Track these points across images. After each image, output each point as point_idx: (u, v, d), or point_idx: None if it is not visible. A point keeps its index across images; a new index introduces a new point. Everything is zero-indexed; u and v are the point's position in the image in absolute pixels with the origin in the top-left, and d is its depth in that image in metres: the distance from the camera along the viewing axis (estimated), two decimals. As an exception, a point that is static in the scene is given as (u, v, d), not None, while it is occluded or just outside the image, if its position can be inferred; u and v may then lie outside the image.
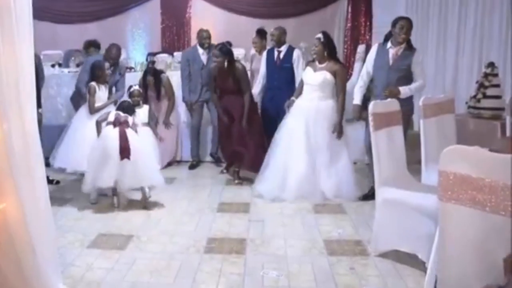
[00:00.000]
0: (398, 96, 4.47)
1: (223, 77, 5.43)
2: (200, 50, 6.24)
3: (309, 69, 5.13)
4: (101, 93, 5.18)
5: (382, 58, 4.75)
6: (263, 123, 5.80)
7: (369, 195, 4.82)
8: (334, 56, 5.10)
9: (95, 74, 5.20)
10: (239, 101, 5.43)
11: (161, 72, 6.31)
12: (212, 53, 5.49)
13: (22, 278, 2.64)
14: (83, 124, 5.12)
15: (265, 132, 5.66)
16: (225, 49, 5.37)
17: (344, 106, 5.05)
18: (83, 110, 5.33)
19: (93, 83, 5.12)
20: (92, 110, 5.07)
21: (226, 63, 5.33)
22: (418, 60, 4.66)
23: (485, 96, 5.39)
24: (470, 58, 6.28)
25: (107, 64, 5.26)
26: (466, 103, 5.66)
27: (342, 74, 5.07)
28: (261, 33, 6.37)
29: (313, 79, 5.04)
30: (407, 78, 4.65)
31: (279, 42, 5.92)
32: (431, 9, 7.02)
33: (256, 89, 6.02)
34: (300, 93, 5.18)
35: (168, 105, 6.22)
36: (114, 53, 5.82)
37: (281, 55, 5.87)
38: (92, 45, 6.42)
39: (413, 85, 4.62)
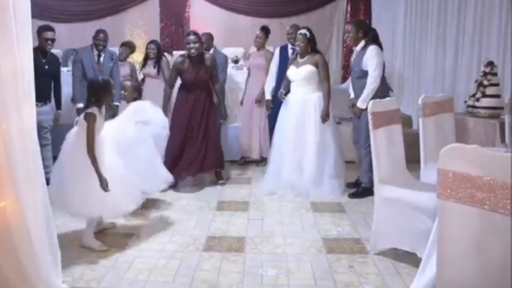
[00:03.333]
0: (362, 110, 4.80)
1: (195, 67, 5.15)
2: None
3: (292, 67, 5.25)
4: (101, 121, 3.64)
5: (352, 59, 5.13)
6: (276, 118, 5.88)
7: (355, 184, 5.24)
8: (315, 49, 5.24)
9: (99, 95, 3.67)
10: (208, 95, 5.27)
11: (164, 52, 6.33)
12: (188, 40, 5.14)
13: (22, 276, 2.64)
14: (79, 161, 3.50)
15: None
16: (198, 35, 5.16)
17: (330, 93, 5.15)
18: (75, 143, 3.56)
19: (95, 110, 3.56)
20: (91, 148, 3.45)
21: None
22: (369, 58, 4.78)
23: (484, 95, 5.39)
24: (469, 57, 6.27)
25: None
26: (465, 102, 5.67)
27: (323, 63, 5.19)
28: (265, 30, 6.34)
29: (297, 75, 5.17)
30: (363, 78, 4.84)
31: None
32: (431, 7, 7.01)
33: (269, 87, 6.01)
34: (285, 87, 5.31)
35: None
36: (101, 37, 5.76)
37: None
38: (128, 45, 6.32)
39: (365, 91, 4.79)
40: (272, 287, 3.09)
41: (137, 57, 8.73)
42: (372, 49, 4.79)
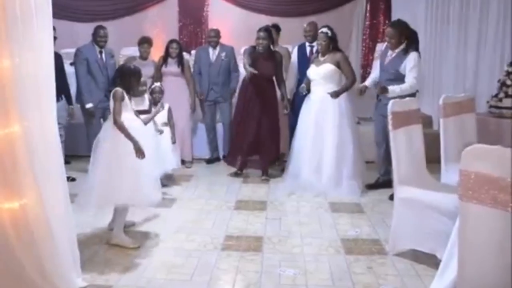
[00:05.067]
0: (386, 94, 4.58)
1: (261, 61, 5.39)
2: (210, 49, 6.39)
3: (312, 65, 5.24)
4: (128, 103, 3.69)
5: (383, 58, 4.99)
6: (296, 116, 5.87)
7: (374, 185, 5.19)
8: (337, 47, 5.21)
9: (128, 81, 3.69)
10: (272, 89, 5.52)
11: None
12: (258, 35, 5.42)
13: (43, 273, 2.67)
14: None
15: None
16: (270, 31, 5.40)
17: (350, 85, 5.14)
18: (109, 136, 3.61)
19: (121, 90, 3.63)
20: (117, 117, 3.54)
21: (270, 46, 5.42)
22: (409, 63, 4.64)
23: (507, 95, 5.31)
24: (491, 56, 6.18)
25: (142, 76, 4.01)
26: (487, 102, 5.59)
27: (345, 61, 5.19)
28: (276, 27, 6.38)
29: (316, 73, 5.16)
30: (396, 81, 4.68)
31: (314, 38, 5.91)
32: (452, 6, 6.92)
33: (289, 86, 5.94)
34: (307, 84, 5.27)
35: (189, 90, 6.30)
36: (102, 33, 5.77)
37: (314, 50, 5.85)
38: (146, 41, 6.36)
39: (401, 87, 4.59)
40: (289, 287, 3.08)
41: (154, 55, 8.77)
42: (416, 57, 4.65)
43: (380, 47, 7.81)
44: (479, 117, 4.88)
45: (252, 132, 5.48)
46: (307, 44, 6.01)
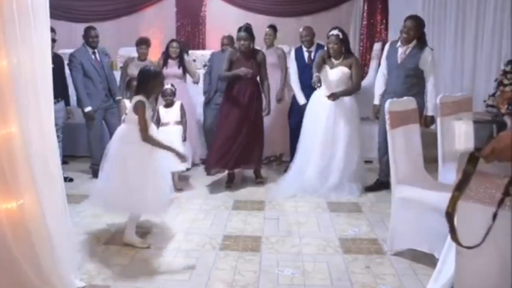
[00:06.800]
0: (433, 121, 4.68)
1: (244, 62, 5.17)
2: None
3: (326, 67, 5.15)
4: (149, 111, 3.62)
5: (392, 57, 4.89)
6: (295, 122, 5.76)
7: (373, 187, 5.14)
8: (349, 49, 5.16)
9: (148, 85, 3.60)
10: (257, 90, 5.28)
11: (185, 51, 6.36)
12: (238, 36, 5.19)
13: (40, 274, 2.67)
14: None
15: (295, 130, 5.71)
16: (251, 31, 5.17)
17: (351, 91, 5.10)
18: (125, 141, 3.60)
19: (143, 98, 3.54)
20: (146, 133, 3.50)
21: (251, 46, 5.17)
22: (427, 58, 4.67)
23: (504, 94, 5.33)
24: (488, 56, 6.19)
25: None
26: (485, 101, 5.61)
27: (357, 65, 5.14)
28: (274, 27, 6.35)
29: (331, 76, 5.09)
30: (415, 77, 4.73)
31: (311, 43, 5.85)
32: (449, 5, 6.93)
33: (298, 90, 5.77)
34: (318, 70, 5.13)
35: (195, 79, 6.19)
36: (93, 34, 5.73)
37: (312, 55, 5.76)
38: (144, 42, 6.29)
39: (428, 97, 4.69)
40: (288, 287, 3.08)
41: (151, 56, 8.76)
42: (432, 53, 4.72)
43: (378, 46, 7.82)
44: (477, 116, 4.90)
45: (235, 140, 5.16)
46: (304, 49, 5.86)
